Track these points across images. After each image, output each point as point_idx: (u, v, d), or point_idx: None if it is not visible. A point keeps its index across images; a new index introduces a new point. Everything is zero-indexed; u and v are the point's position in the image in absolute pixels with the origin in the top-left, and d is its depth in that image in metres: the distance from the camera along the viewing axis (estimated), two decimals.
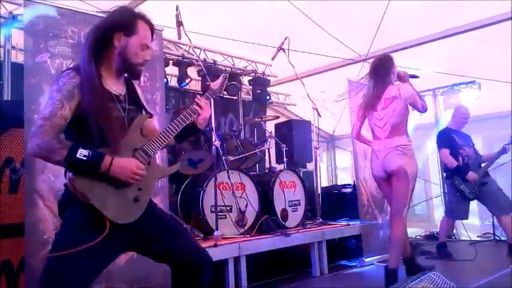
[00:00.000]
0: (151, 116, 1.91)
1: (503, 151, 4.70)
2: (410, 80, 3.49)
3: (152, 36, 1.81)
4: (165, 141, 1.79)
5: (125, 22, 1.73)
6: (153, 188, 1.83)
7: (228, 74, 2.07)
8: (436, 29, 5.00)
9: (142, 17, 1.77)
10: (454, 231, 5.92)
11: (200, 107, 1.88)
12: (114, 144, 1.66)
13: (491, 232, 5.52)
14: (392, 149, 3.29)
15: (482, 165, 4.73)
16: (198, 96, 1.93)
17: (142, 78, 3.03)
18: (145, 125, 1.85)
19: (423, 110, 3.43)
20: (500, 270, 3.66)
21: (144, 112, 1.88)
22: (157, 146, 1.77)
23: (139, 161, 1.71)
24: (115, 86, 1.78)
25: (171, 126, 1.82)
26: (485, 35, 4.86)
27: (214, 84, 2.01)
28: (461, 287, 3.16)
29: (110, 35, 1.72)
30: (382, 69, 3.42)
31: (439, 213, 6.47)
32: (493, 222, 5.38)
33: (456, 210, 4.68)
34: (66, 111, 1.61)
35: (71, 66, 1.78)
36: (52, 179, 2.55)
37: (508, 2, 4.35)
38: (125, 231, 1.69)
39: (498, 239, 5.42)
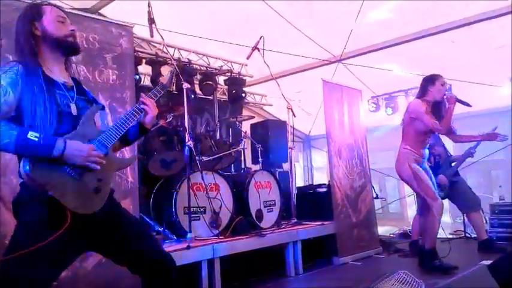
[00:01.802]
0: (103, 107, 1.90)
1: (468, 155, 4.86)
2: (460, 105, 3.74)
3: (65, 13, 1.83)
4: (119, 133, 1.76)
5: (30, 12, 1.76)
6: (112, 179, 1.79)
7: (175, 70, 2.10)
8: (408, 31, 5.08)
9: (43, 3, 1.81)
10: None
11: (146, 105, 1.86)
12: (68, 134, 1.63)
13: (462, 230, 5.65)
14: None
15: (453, 164, 4.84)
16: (143, 94, 1.90)
17: (111, 77, 2.96)
18: (97, 117, 1.83)
19: (434, 129, 3.73)
20: (470, 267, 3.74)
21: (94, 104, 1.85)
22: (113, 138, 1.74)
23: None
24: (60, 75, 1.77)
25: (122, 118, 1.80)
26: (455, 36, 4.97)
27: (163, 79, 2.04)
28: (433, 284, 3.21)
29: (29, 29, 1.72)
30: (421, 86, 3.93)
31: (412, 211, 6.58)
32: (464, 220, 5.51)
33: None
34: (10, 97, 1.57)
35: None
36: (14, 181, 2.44)
37: (475, 4, 4.47)
38: (86, 228, 1.64)
39: (469, 236, 5.56)
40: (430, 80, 3.84)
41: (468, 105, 3.70)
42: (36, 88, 1.60)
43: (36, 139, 1.51)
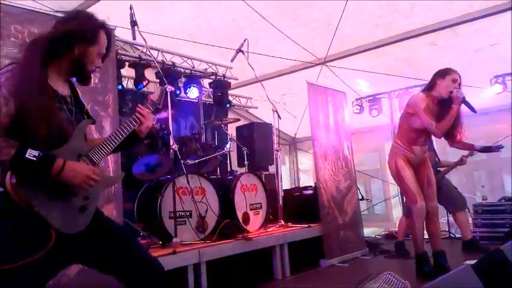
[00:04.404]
0: (94, 121, 1.86)
1: (460, 162, 4.91)
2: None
3: (109, 41, 1.79)
4: (109, 149, 1.74)
5: (87, 31, 1.69)
6: (99, 197, 1.75)
7: (166, 87, 2.11)
8: (391, 33, 5.14)
9: (103, 26, 1.74)
10: None
11: (142, 115, 1.85)
12: (59, 148, 1.56)
13: (447, 230, 5.72)
14: None
15: (442, 169, 4.91)
16: (140, 105, 1.89)
17: (92, 80, 2.90)
18: (89, 131, 1.81)
19: (429, 130, 3.45)
20: (455, 267, 3.76)
21: (86, 117, 1.80)
22: (102, 154, 1.72)
23: None
24: (61, 87, 1.70)
25: (114, 134, 1.78)
26: (437, 39, 5.05)
27: (153, 96, 2.03)
28: (418, 284, 3.23)
29: (72, 43, 1.66)
30: (431, 79, 3.60)
31: (397, 212, 6.65)
32: (448, 220, 5.58)
33: None
34: (11, 108, 1.49)
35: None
36: None
37: (456, 8, 4.54)
38: (70, 242, 1.59)
39: (453, 236, 5.63)
40: (440, 73, 3.48)
41: (473, 110, 3.37)
42: (39, 100, 1.53)
43: (35, 159, 1.44)
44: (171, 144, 3.59)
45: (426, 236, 3.76)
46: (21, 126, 1.50)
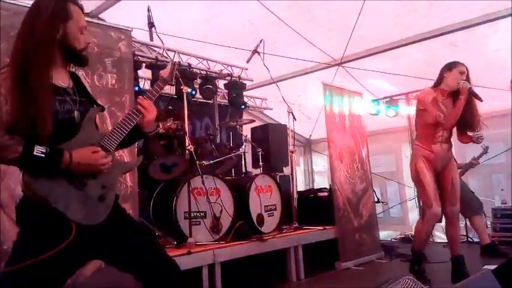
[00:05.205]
0: (103, 109, 1.82)
1: (470, 165, 4.82)
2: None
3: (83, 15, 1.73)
4: (120, 136, 1.71)
5: (58, 9, 1.63)
6: (116, 184, 1.74)
7: (176, 62, 2.00)
8: (408, 34, 5.06)
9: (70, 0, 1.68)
10: None
11: (143, 107, 1.78)
12: (68, 141, 1.57)
13: (464, 234, 5.61)
14: None
15: None
16: (140, 96, 1.82)
17: (110, 81, 2.93)
18: (98, 119, 1.77)
19: (438, 122, 3.40)
20: (473, 272, 3.69)
21: (95, 106, 1.77)
22: (114, 141, 1.69)
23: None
24: (61, 80, 1.68)
25: (122, 122, 1.73)
26: (456, 39, 4.96)
27: (164, 72, 1.93)
28: None
29: (53, 32, 1.60)
30: (439, 73, 3.55)
31: (413, 215, 6.55)
32: (466, 224, 5.47)
33: None
34: (11, 106, 1.49)
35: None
36: (13, 186, 2.42)
37: (476, 7, 4.45)
38: (90, 236, 1.59)
39: (471, 240, 5.52)
40: (447, 67, 3.48)
41: (480, 99, 3.34)
42: (34, 96, 1.51)
43: (43, 155, 1.46)
44: (187, 145, 3.60)
45: (445, 241, 3.70)
46: (25, 121, 1.49)
